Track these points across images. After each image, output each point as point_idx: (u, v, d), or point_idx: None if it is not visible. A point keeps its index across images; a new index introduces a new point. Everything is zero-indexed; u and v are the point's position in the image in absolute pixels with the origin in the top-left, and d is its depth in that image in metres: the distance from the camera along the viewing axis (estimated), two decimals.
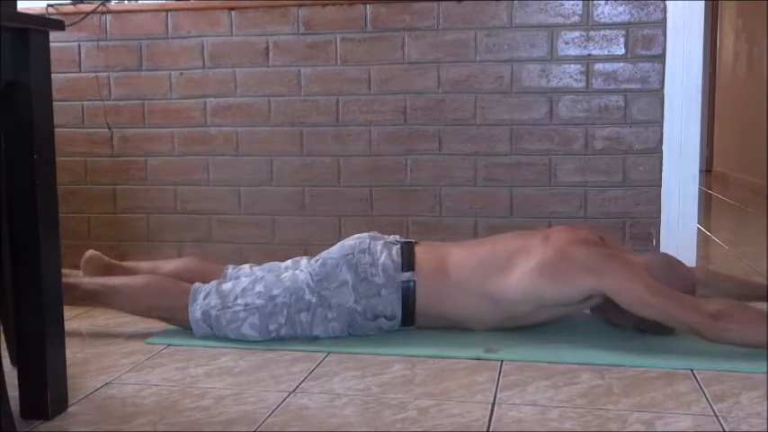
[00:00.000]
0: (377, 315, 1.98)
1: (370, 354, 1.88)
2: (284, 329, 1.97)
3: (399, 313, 1.98)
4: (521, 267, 1.93)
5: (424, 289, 1.98)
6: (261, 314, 1.96)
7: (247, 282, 2.02)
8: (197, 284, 2.04)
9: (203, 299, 2.00)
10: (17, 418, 1.46)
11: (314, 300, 1.97)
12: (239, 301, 1.98)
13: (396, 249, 2.03)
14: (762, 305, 1.93)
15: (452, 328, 2.03)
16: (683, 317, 1.80)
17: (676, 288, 1.89)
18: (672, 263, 2.05)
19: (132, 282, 2.09)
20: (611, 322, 2.05)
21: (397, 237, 2.12)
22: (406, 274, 1.98)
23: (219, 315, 1.97)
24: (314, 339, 1.99)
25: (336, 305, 1.97)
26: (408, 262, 2.00)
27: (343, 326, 1.98)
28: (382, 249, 2.02)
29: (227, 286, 2.02)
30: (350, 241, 2.07)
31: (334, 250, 2.04)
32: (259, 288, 1.99)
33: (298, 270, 2.04)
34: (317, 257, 2.05)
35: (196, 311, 1.99)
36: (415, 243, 2.09)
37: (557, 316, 2.02)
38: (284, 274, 2.03)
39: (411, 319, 2.00)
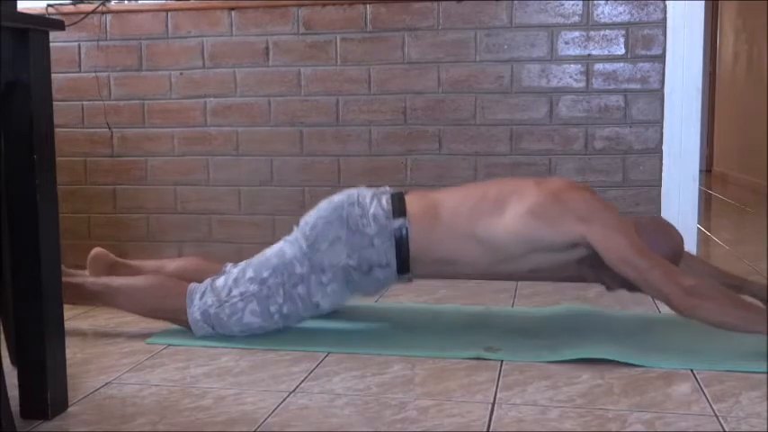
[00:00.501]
0: (371, 266, 1.96)
1: (370, 354, 1.88)
2: (285, 307, 1.97)
3: (394, 261, 1.96)
4: (512, 209, 1.92)
5: (417, 234, 1.96)
6: (258, 299, 1.96)
7: (237, 271, 2.01)
8: (192, 285, 2.03)
9: (200, 299, 2.00)
10: (17, 418, 1.46)
11: (305, 270, 1.96)
12: (234, 292, 1.98)
13: (386, 198, 2.02)
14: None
15: (447, 277, 2.02)
16: (659, 284, 1.80)
17: (663, 253, 1.90)
18: (663, 226, 2.04)
19: (135, 283, 2.09)
20: (600, 280, 2.04)
21: (387, 188, 2.11)
22: (398, 221, 1.97)
23: (219, 312, 1.97)
24: (318, 309, 1.98)
25: (330, 266, 1.96)
26: (399, 209, 1.99)
27: (341, 285, 1.98)
28: (372, 200, 2.01)
29: (219, 282, 2.01)
30: (338, 197, 2.05)
31: (323, 207, 2.02)
32: (249, 274, 1.99)
33: (283, 242, 2.02)
34: (305, 220, 2.03)
35: (195, 313, 1.99)
36: (405, 192, 2.08)
37: (545, 265, 2.01)
38: (269, 252, 2.02)
39: (406, 266, 1.98)
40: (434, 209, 1.99)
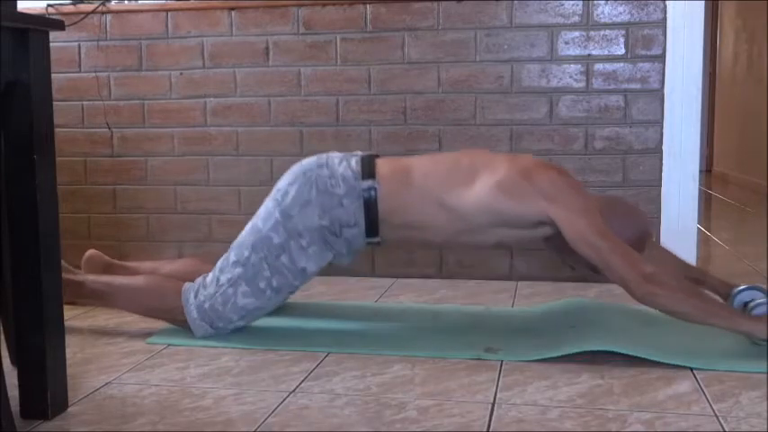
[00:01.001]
0: (341, 226, 1.97)
1: (370, 354, 1.88)
2: (274, 281, 1.98)
3: (362, 221, 1.97)
4: (482, 182, 1.93)
5: (386, 196, 1.97)
6: (246, 280, 1.97)
7: (222, 260, 2.03)
8: (186, 285, 2.04)
9: (194, 298, 2.01)
10: (17, 418, 1.46)
11: (282, 239, 1.97)
12: (222, 280, 1.99)
13: (355, 160, 2.03)
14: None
15: (414, 244, 2.03)
16: (618, 268, 1.81)
17: (628, 234, 1.92)
18: (628, 207, 2.05)
19: (134, 283, 2.10)
20: (565, 261, 2.05)
21: (358, 152, 2.11)
22: (367, 182, 1.97)
23: (213, 303, 1.98)
24: (306, 273, 1.99)
25: (305, 229, 1.97)
26: (369, 170, 2.00)
27: (321, 247, 1.99)
28: (341, 161, 2.02)
29: (209, 277, 2.03)
30: (307, 160, 2.06)
31: (292, 172, 2.03)
32: (232, 258, 2.00)
33: (255, 217, 2.03)
34: (276, 187, 2.04)
35: (192, 312, 2.00)
36: (376, 156, 2.08)
37: (511, 241, 2.02)
38: (245, 231, 2.03)
39: (375, 228, 1.98)
40: (405, 173, 2.00)
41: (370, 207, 1.97)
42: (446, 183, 1.96)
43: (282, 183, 2.04)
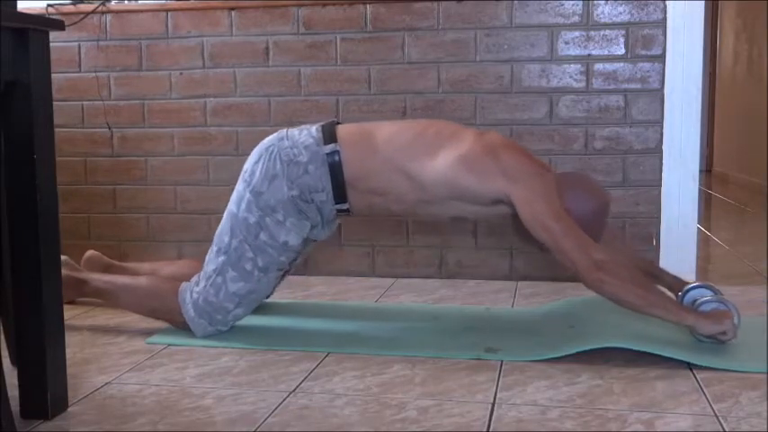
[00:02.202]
0: (310, 192, 1.98)
1: (370, 354, 1.88)
2: (259, 260, 1.98)
3: (329, 186, 1.97)
4: (446, 153, 1.94)
5: (350, 160, 1.98)
6: (232, 265, 1.98)
7: (207, 255, 2.04)
8: (182, 286, 2.05)
9: (190, 297, 2.01)
10: (17, 418, 1.46)
11: (257, 217, 1.98)
12: (209, 271, 2.00)
13: (315, 127, 2.04)
14: None
15: (379, 213, 2.06)
16: (570, 252, 1.83)
17: (588, 208, 1.94)
18: (588, 183, 2.05)
19: (136, 283, 2.11)
20: (523, 238, 2.06)
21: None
22: (329, 147, 1.98)
23: (206, 296, 1.99)
24: (289, 247, 1.99)
25: (277, 203, 1.98)
26: (329, 136, 2.00)
27: (297, 217, 1.99)
28: (300, 131, 2.04)
29: (201, 274, 2.04)
30: (268, 138, 2.07)
31: (256, 151, 2.05)
32: (214, 248, 2.02)
33: (229, 204, 2.04)
34: (243, 168, 2.05)
35: (189, 311, 2.00)
36: (338, 122, 2.09)
37: (469, 216, 2.03)
38: (222, 220, 2.04)
39: (342, 193, 1.99)
40: (368, 137, 2.01)
41: (336, 171, 1.97)
42: (410, 150, 1.97)
43: (248, 163, 2.05)
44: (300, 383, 1.69)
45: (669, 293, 1.99)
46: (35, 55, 1.44)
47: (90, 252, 2.43)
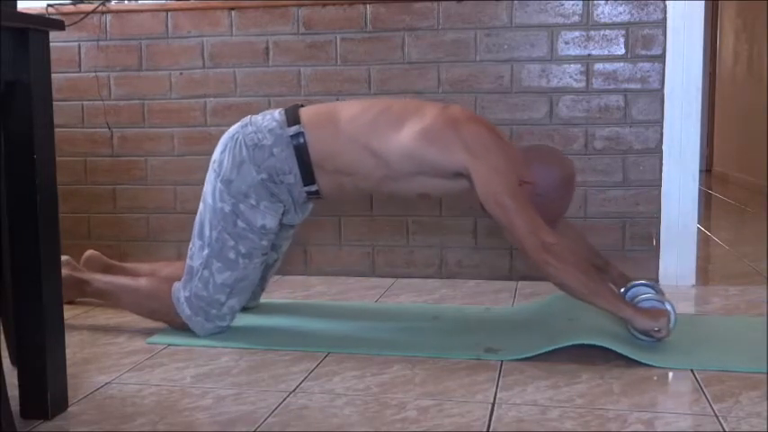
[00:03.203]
0: (278, 174, 1.99)
1: (371, 354, 1.88)
2: (241, 247, 1.99)
3: (296, 168, 1.98)
4: (409, 127, 1.95)
5: (315, 140, 1.98)
6: (216, 257, 1.99)
7: (188, 252, 2.05)
8: (175, 285, 2.05)
9: (183, 295, 2.02)
10: (17, 418, 1.46)
11: (231, 205, 1.99)
12: (195, 266, 2.01)
13: (278, 111, 2.05)
14: None
15: (348, 194, 2.07)
16: (520, 231, 1.85)
17: (551, 178, 1.96)
18: (552, 153, 2.07)
19: (135, 284, 2.12)
20: (484, 212, 2.06)
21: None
22: (293, 128, 1.99)
23: (196, 291, 2.00)
24: (268, 230, 2.00)
25: (249, 187, 1.98)
26: (293, 118, 2.02)
27: (269, 200, 2.00)
28: (263, 117, 2.05)
29: (185, 271, 2.05)
30: (232, 127, 2.08)
31: (221, 141, 2.06)
32: (197, 243, 2.02)
33: (203, 197, 2.06)
34: (212, 160, 2.06)
35: (185, 310, 2.01)
36: (301, 105, 2.10)
37: (434, 192, 2.03)
38: (197, 216, 2.05)
39: (310, 174, 1.99)
40: (332, 117, 2.02)
41: (301, 153, 1.98)
42: (373, 128, 1.98)
43: (216, 154, 2.06)
44: (300, 383, 1.69)
45: (613, 288, 2.00)
46: (35, 55, 1.44)
47: (89, 252, 2.43)
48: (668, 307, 1.89)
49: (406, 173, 1.97)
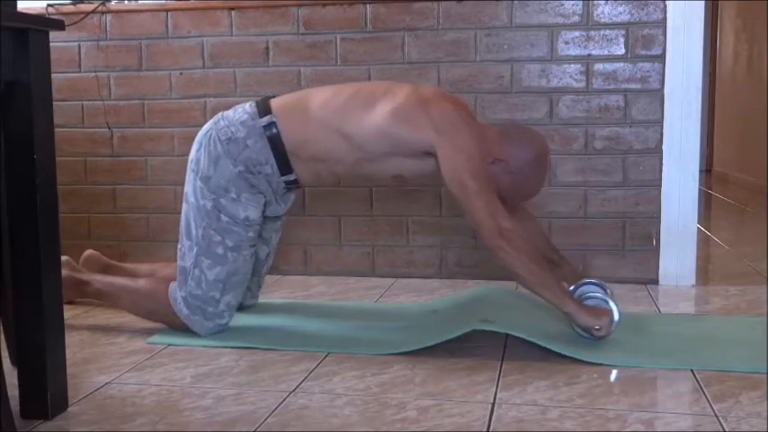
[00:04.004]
0: (255, 165, 2.00)
1: (371, 354, 1.88)
2: (228, 241, 2.00)
3: (272, 158, 1.99)
4: (379, 107, 1.96)
5: (288, 129, 1.99)
6: (204, 254, 2.00)
7: (178, 254, 2.06)
8: (171, 286, 2.05)
9: (180, 295, 2.02)
10: (17, 418, 1.46)
11: (213, 201, 1.99)
12: (187, 266, 2.01)
13: (249, 104, 2.06)
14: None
15: (324, 180, 2.08)
16: (478, 213, 1.86)
17: (524, 155, 1.98)
18: (524, 130, 2.09)
19: (135, 285, 2.12)
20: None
21: None
22: (265, 119, 2.00)
23: (191, 291, 2.00)
24: (251, 221, 2.01)
25: (227, 181, 1.99)
26: (264, 109, 2.02)
27: (249, 191, 2.01)
28: (235, 110, 2.06)
29: (178, 271, 2.06)
30: (206, 124, 2.10)
31: (197, 138, 2.07)
32: (186, 243, 2.03)
33: (185, 197, 2.06)
34: (189, 160, 2.07)
35: (182, 309, 2.01)
36: (272, 97, 2.11)
37: (406, 173, 2.03)
38: (182, 217, 2.06)
39: (286, 164, 2.00)
40: (303, 104, 2.03)
41: (275, 142, 1.99)
42: (344, 111, 1.99)
43: (192, 153, 2.07)
44: (300, 383, 1.69)
45: (564, 285, 2.02)
46: (35, 55, 1.44)
47: (89, 251, 2.43)
48: (612, 307, 1.91)
49: (380, 154, 1.98)
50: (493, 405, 1.55)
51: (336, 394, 1.62)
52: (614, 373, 1.72)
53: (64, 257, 2.07)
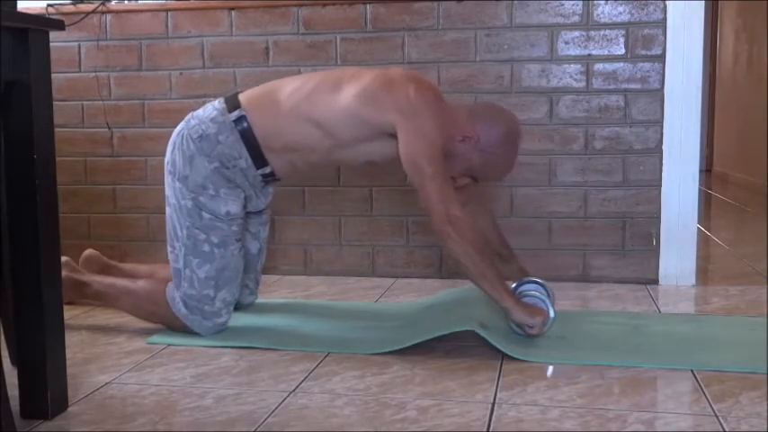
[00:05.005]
0: (230, 159, 2.00)
1: (368, 354, 1.88)
2: (213, 237, 2.01)
3: (245, 152, 2.00)
4: (347, 90, 1.97)
5: (259, 121, 2.00)
6: (192, 253, 2.01)
7: (169, 257, 2.08)
8: (168, 286, 2.06)
9: (177, 296, 2.03)
10: (17, 418, 1.46)
11: (192, 199, 2.01)
12: (179, 268, 2.03)
13: (218, 101, 2.07)
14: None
15: (301, 171, 2.09)
16: (430, 197, 1.87)
17: (495, 133, 1.99)
18: (496, 109, 2.11)
19: (135, 287, 2.12)
20: None
21: None
22: (234, 113, 2.01)
23: (186, 291, 2.01)
24: (233, 215, 2.02)
25: (204, 179, 2.00)
26: (233, 103, 2.03)
27: (227, 186, 2.01)
28: (204, 109, 2.07)
29: (173, 274, 2.07)
30: (179, 125, 2.11)
31: (170, 140, 2.08)
32: (175, 245, 2.05)
33: (167, 200, 2.08)
34: (165, 162, 2.08)
35: (181, 309, 2.02)
36: (240, 92, 2.11)
37: (378, 158, 2.03)
38: (166, 220, 2.09)
39: (260, 157, 2.01)
40: (271, 96, 2.04)
41: (248, 136, 2.00)
42: (312, 98, 1.99)
43: (167, 156, 2.08)
44: (300, 383, 1.69)
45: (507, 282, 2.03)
46: (35, 55, 1.44)
47: (88, 251, 2.43)
48: (548, 308, 1.94)
49: (350, 139, 1.99)
50: (493, 405, 1.55)
51: (336, 394, 1.62)
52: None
53: (64, 258, 2.07)
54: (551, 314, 1.94)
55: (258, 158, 2.01)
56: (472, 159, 2.00)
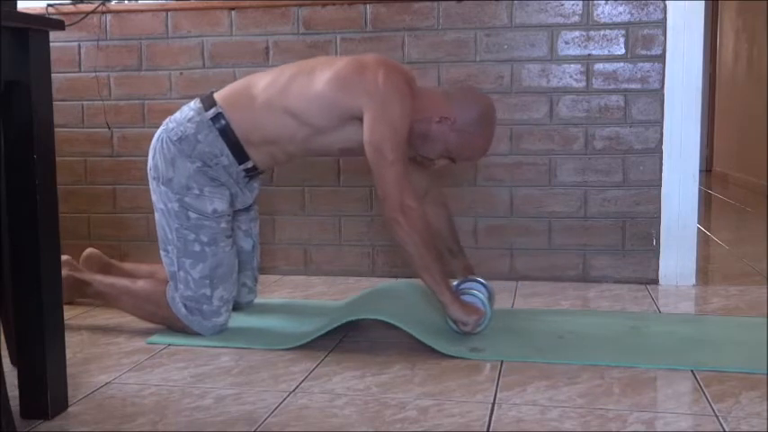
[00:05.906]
0: (211, 158, 2.01)
1: (370, 354, 1.88)
2: (202, 236, 2.01)
3: (226, 149, 2.00)
4: (320, 77, 1.98)
5: (236, 117, 2.01)
6: (183, 254, 2.01)
7: (163, 261, 2.07)
8: (168, 288, 2.06)
9: (177, 296, 2.03)
10: (17, 418, 1.46)
11: (178, 201, 2.01)
12: (174, 270, 2.03)
13: (194, 101, 2.09)
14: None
15: (281, 161, 2.11)
16: (386, 183, 1.88)
17: (474, 112, 2.00)
18: (471, 91, 2.13)
19: (136, 287, 2.12)
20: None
21: None
22: (211, 111, 2.02)
23: (183, 292, 2.02)
24: (219, 213, 2.02)
25: (188, 179, 2.00)
26: (208, 103, 2.04)
27: (212, 185, 2.02)
28: (181, 110, 2.08)
29: (169, 277, 2.07)
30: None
31: (151, 146, 2.08)
32: (167, 249, 2.04)
33: (154, 205, 2.07)
34: (147, 168, 2.08)
35: (181, 310, 2.02)
36: (215, 91, 2.12)
37: (354, 146, 2.01)
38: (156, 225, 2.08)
39: (241, 152, 2.02)
40: (246, 90, 2.05)
41: (226, 132, 2.00)
42: (286, 89, 2.00)
43: (149, 162, 2.08)
44: (300, 383, 1.69)
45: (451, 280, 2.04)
46: (35, 55, 1.44)
47: (89, 250, 2.43)
48: (484, 308, 1.97)
49: (325, 125, 1.99)
50: (493, 405, 1.55)
51: (336, 394, 1.62)
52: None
53: (64, 257, 2.07)
54: (488, 314, 1.97)
55: (239, 154, 2.02)
56: (449, 140, 2.01)
